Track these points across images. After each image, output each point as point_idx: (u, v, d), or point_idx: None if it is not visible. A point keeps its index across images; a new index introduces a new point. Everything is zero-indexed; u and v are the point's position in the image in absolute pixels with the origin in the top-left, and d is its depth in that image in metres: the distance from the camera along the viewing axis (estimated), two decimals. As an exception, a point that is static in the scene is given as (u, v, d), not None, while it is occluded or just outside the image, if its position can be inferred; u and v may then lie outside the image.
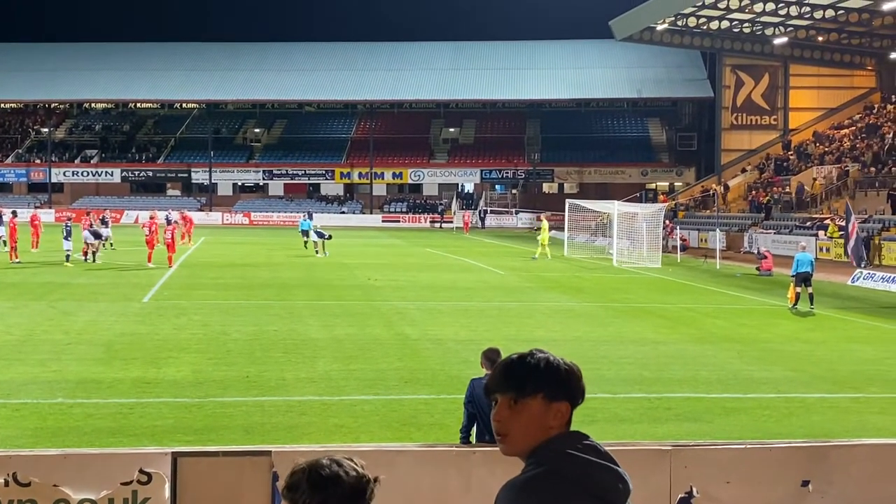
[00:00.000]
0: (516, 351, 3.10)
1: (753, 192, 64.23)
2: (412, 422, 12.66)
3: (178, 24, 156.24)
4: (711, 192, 66.94)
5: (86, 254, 37.29)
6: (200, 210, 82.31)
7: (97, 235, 37.94)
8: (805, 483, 7.17)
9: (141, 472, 6.78)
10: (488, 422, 8.30)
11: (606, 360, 17.40)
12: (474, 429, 8.69)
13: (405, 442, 11.14)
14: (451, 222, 79.79)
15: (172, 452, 6.99)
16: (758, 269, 38.87)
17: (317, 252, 43.24)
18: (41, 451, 7.70)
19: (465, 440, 8.63)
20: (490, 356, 8.81)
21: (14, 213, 38.26)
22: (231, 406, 13.32)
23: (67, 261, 35.53)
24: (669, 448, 7.26)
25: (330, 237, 45.17)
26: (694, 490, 7.00)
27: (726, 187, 65.61)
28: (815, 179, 59.08)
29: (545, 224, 46.45)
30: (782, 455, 7.37)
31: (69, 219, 38.17)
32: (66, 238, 36.18)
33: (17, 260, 35.64)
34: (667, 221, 56.42)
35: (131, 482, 6.76)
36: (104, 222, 45.82)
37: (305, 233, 45.97)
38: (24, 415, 12.53)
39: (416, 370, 16.18)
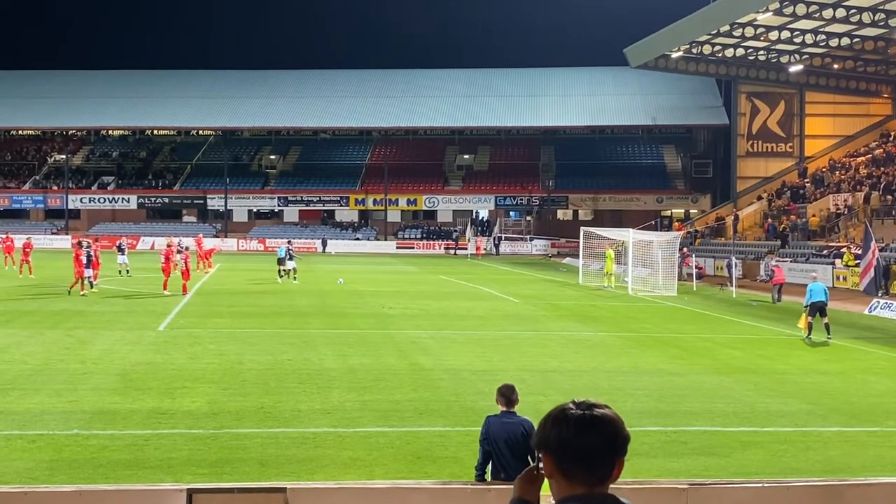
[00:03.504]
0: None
1: (769, 219, 64.07)
2: (427, 455, 12.61)
3: (193, 52, 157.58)
4: (725, 219, 66.86)
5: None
6: (216, 236, 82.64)
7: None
8: (823, 523, 7.12)
9: (156, 509, 6.78)
10: (504, 460, 8.32)
11: (622, 391, 17.32)
12: (489, 466, 8.65)
13: (420, 476, 11.12)
14: (466, 249, 79.86)
15: (188, 489, 6.99)
16: (772, 286, 39.36)
17: (294, 279, 43.01)
18: (56, 487, 7.72)
19: (481, 478, 8.59)
20: (504, 393, 8.81)
21: (79, 244, 37.40)
22: (246, 438, 13.29)
23: (91, 287, 35.55)
24: (686, 487, 7.23)
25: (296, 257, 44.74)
26: (711, 530, 6.95)
27: (736, 217, 65.40)
28: (813, 216, 59.11)
29: (610, 253, 45.98)
30: (799, 494, 7.33)
31: (89, 245, 37.66)
32: (86, 266, 36.15)
33: (84, 293, 34.29)
34: (684, 249, 56.33)
35: (146, 519, 6.76)
36: (120, 249, 46.10)
37: (282, 261, 44.22)
38: (40, 446, 12.53)
39: (431, 401, 16.14)
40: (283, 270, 43.88)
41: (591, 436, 2.94)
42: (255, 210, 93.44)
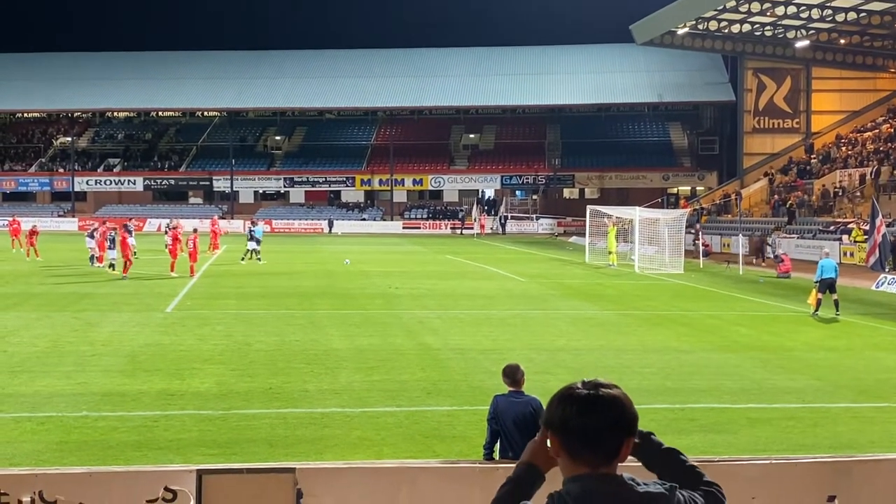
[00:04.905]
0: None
1: (776, 195, 63.90)
2: (435, 434, 12.64)
3: (198, 34, 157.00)
4: (731, 195, 66.68)
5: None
6: (222, 218, 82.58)
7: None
8: (831, 498, 7.11)
9: (166, 489, 6.79)
10: (512, 439, 8.33)
11: (629, 369, 17.32)
12: (498, 445, 8.67)
13: (428, 455, 11.14)
14: (472, 228, 79.82)
15: (197, 470, 7.01)
16: (777, 271, 39.26)
17: (254, 259, 42.66)
18: (66, 468, 7.75)
19: (489, 457, 8.61)
20: (508, 373, 8.83)
21: (126, 229, 37.77)
22: (255, 419, 13.34)
23: (112, 268, 36.00)
24: (694, 463, 7.23)
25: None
26: (719, 507, 6.95)
27: (739, 196, 65.21)
28: (814, 195, 59.02)
29: (612, 229, 44.99)
30: (808, 470, 7.32)
31: (114, 228, 38.43)
32: (110, 247, 36.64)
33: (126, 276, 34.35)
34: (697, 226, 56.24)
35: (156, 500, 6.77)
36: (128, 231, 46.10)
37: (258, 241, 43.78)
38: (49, 428, 12.58)
39: (439, 381, 16.15)
40: (252, 251, 43.36)
41: (594, 416, 2.94)
42: (260, 191, 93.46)
